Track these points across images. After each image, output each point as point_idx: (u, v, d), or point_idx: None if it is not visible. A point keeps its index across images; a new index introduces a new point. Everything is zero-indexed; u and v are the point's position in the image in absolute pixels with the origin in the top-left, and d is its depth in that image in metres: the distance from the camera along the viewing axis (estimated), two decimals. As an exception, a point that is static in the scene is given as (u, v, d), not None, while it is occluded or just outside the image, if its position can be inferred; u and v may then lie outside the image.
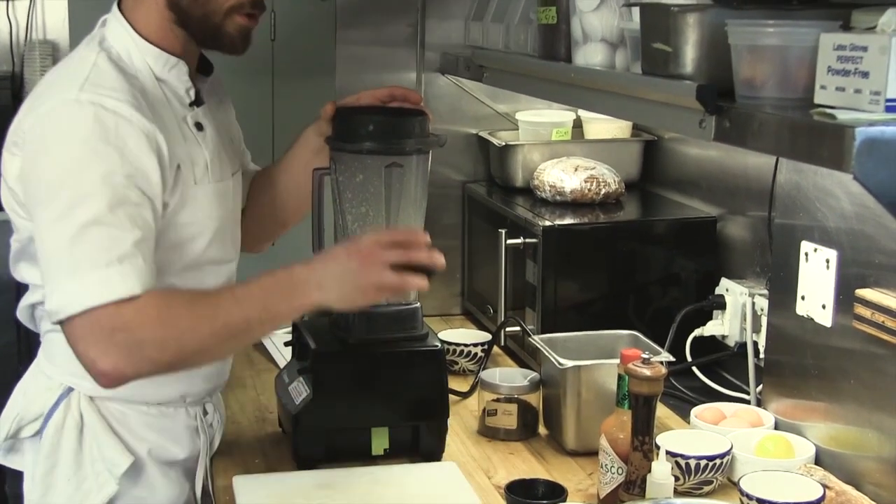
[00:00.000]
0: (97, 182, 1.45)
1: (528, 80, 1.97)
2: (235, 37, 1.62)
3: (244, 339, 1.52)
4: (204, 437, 1.73)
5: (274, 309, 1.48)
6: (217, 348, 1.51)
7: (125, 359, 1.42)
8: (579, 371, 1.86)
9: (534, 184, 2.41)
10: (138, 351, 1.43)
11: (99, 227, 1.44)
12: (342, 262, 1.50)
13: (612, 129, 2.59)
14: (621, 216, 2.32)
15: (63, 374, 1.64)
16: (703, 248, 2.23)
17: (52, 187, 1.46)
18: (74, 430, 1.62)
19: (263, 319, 1.48)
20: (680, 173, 2.44)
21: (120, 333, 1.43)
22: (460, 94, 2.61)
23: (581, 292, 2.19)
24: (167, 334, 1.44)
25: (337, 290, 1.49)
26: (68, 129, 1.48)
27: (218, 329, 1.46)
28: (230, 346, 1.56)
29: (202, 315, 1.47)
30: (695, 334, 2.14)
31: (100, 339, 1.42)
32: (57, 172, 1.47)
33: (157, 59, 1.62)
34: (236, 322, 1.47)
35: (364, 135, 1.70)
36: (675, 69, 1.41)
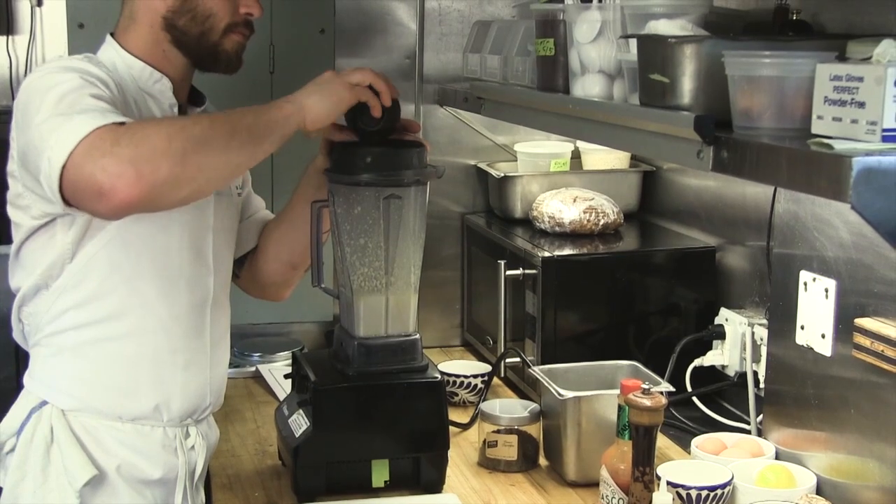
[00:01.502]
0: (77, 80, 1.51)
1: (526, 112, 1.98)
2: (232, 54, 1.67)
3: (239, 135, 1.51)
4: (182, 458, 1.71)
5: (262, 112, 1.54)
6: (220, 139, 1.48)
7: (137, 152, 1.39)
8: (579, 402, 1.85)
9: (533, 215, 2.41)
10: (147, 143, 1.40)
11: (80, 92, 1.48)
12: (317, 82, 1.62)
13: (610, 160, 2.59)
14: (620, 247, 2.32)
15: (39, 388, 1.65)
16: (703, 278, 2.23)
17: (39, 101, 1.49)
18: (43, 444, 1.62)
19: (256, 122, 1.52)
20: (678, 203, 2.44)
21: (123, 137, 1.41)
22: (458, 125, 2.62)
23: (581, 323, 2.19)
24: (171, 127, 1.45)
25: (315, 99, 1.58)
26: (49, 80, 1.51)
27: (215, 120, 1.49)
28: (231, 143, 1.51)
29: (197, 118, 1.56)
30: (695, 364, 2.14)
31: (105, 148, 1.40)
32: (41, 98, 1.49)
33: (142, 73, 1.66)
34: (230, 117, 1.51)
35: (362, 167, 1.71)
36: (672, 100, 1.41)
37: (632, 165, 2.61)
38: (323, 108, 1.59)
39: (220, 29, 1.65)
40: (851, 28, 1.56)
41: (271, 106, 1.56)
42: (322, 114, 1.59)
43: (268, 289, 1.93)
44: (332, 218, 1.77)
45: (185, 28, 1.64)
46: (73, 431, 1.63)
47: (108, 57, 1.66)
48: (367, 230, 1.75)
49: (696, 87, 1.39)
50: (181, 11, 1.64)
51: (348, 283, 1.79)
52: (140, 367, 1.67)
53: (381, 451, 1.77)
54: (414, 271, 1.80)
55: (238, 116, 1.51)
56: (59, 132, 1.42)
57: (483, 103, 2.22)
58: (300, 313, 2.70)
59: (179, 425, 1.72)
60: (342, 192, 1.75)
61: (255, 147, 1.51)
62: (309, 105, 1.58)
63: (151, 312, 1.66)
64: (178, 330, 1.69)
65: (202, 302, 1.73)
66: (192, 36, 1.65)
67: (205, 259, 1.72)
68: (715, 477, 1.70)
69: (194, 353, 1.72)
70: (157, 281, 1.66)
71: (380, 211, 1.74)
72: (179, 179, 1.42)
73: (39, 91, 1.50)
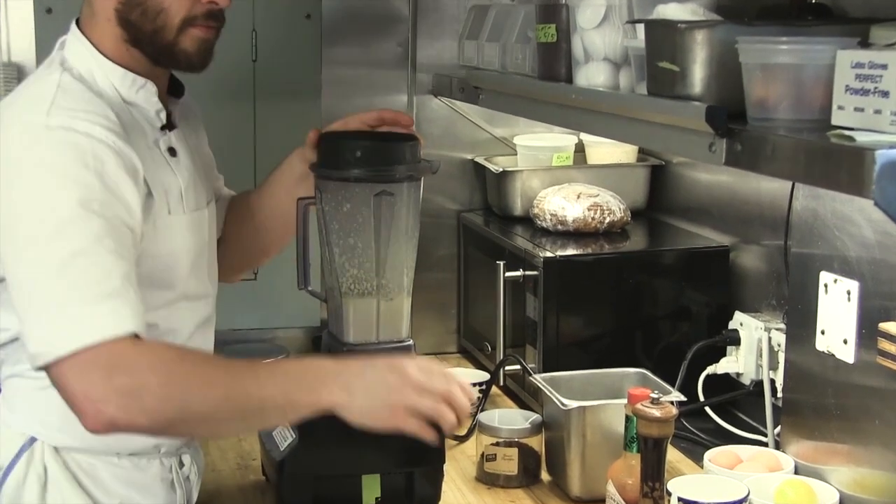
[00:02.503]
0: (76, 209, 1.42)
1: (526, 103, 1.98)
2: (192, 53, 1.58)
3: (254, 420, 1.47)
4: (181, 492, 1.70)
5: (293, 396, 1.44)
6: (224, 422, 1.45)
7: (121, 403, 1.37)
8: (584, 412, 1.85)
9: (533, 212, 2.41)
10: (137, 398, 1.38)
11: (84, 258, 1.41)
12: (379, 372, 1.48)
13: (616, 154, 2.60)
14: (627, 246, 2.32)
15: (25, 423, 1.60)
16: (716, 279, 2.23)
17: (26, 219, 1.43)
18: (37, 485, 1.58)
19: (280, 404, 1.44)
20: (689, 200, 2.45)
21: (119, 374, 1.38)
22: (454, 117, 2.62)
23: (585, 328, 2.19)
24: (172, 388, 1.40)
25: (363, 398, 1.46)
26: (38, 156, 1.45)
27: (230, 398, 1.42)
28: (237, 425, 1.49)
29: (215, 379, 1.44)
30: (707, 372, 2.14)
31: (96, 379, 1.37)
32: (30, 203, 1.44)
33: (123, 80, 1.59)
34: (251, 397, 1.43)
35: (351, 161, 1.71)
36: (682, 90, 1.41)
37: (639, 159, 2.61)
38: (362, 418, 1.46)
39: (175, 25, 1.56)
40: (875, 12, 1.56)
41: (310, 391, 1.44)
42: (356, 421, 1.48)
43: (226, 273, 1.87)
44: (320, 216, 1.77)
45: (137, 24, 1.56)
46: (69, 471, 1.59)
47: (85, 64, 1.58)
48: (357, 229, 1.75)
49: (707, 76, 1.39)
50: (131, 4, 1.56)
51: (337, 285, 1.78)
52: None
53: (372, 466, 1.77)
54: (407, 273, 1.80)
55: (261, 402, 1.42)
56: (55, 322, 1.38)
57: (480, 93, 2.22)
58: (285, 318, 2.70)
59: (175, 454, 1.70)
60: (330, 188, 1.75)
61: (266, 424, 1.48)
62: (352, 405, 1.45)
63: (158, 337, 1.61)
64: None
65: (203, 321, 1.71)
66: (146, 33, 1.56)
67: (203, 279, 1.70)
68: (729, 493, 1.70)
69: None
70: (160, 311, 1.60)
71: (370, 208, 1.74)
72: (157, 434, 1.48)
73: (26, 203, 1.42)
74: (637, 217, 2.48)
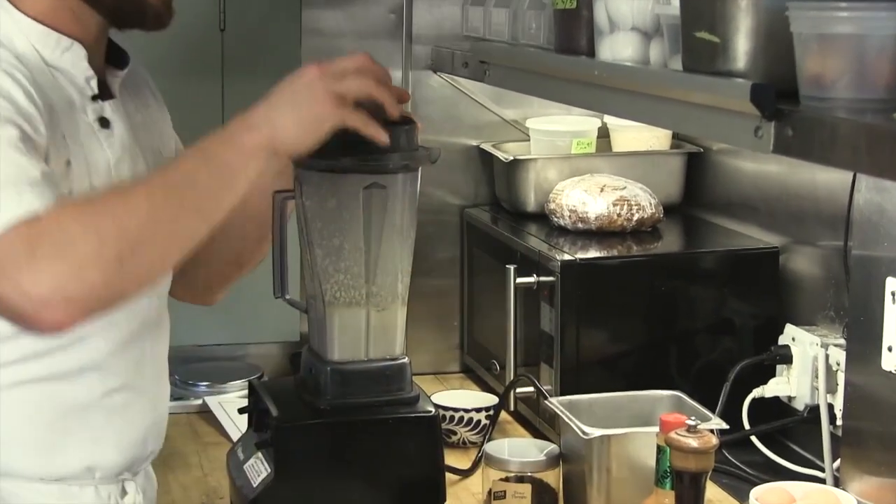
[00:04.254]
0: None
1: (541, 80, 1.98)
2: (160, 6, 1.62)
3: (191, 199, 1.48)
4: None
5: (217, 154, 1.49)
6: (165, 219, 1.45)
7: (60, 268, 1.36)
8: (608, 442, 1.86)
9: (549, 208, 2.42)
10: (72, 251, 1.37)
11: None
12: (284, 89, 1.54)
13: (646, 140, 2.60)
14: (659, 248, 2.33)
15: None
16: (763, 287, 2.24)
17: None
18: None
19: (209, 170, 1.48)
20: (732, 194, 2.45)
21: (42, 243, 1.37)
22: (457, 96, 2.62)
23: (610, 343, 2.19)
24: (99, 219, 1.41)
25: (285, 117, 1.51)
26: None
27: (155, 191, 1.45)
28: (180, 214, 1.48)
29: (132, 188, 1.49)
30: (753, 395, 2.14)
31: (21, 261, 1.37)
32: None
33: (46, 41, 1.60)
34: (174, 177, 1.47)
35: (336, 148, 1.71)
36: (724, 64, 1.42)
37: (673, 146, 2.62)
38: (299, 134, 1.52)
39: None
40: (948, -26, 1.57)
41: (227, 140, 1.50)
42: (298, 142, 1.53)
43: (199, 291, 1.90)
44: (300, 212, 1.78)
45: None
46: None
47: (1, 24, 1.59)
48: (344, 228, 1.75)
49: (753, 49, 1.39)
50: None
51: (319, 293, 1.79)
52: (68, 416, 1.64)
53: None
54: (401, 279, 1.80)
55: (183, 174, 1.47)
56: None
57: (487, 69, 2.23)
58: (258, 332, 2.70)
59: (115, 481, 1.70)
60: (312, 180, 1.75)
61: (213, 209, 1.48)
62: (281, 128, 1.51)
63: (83, 348, 1.63)
64: (116, 366, 1.67)
65: (144, 327, 1.71)
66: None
67: None
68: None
69: (134, 392, 1.70)
70: None
71: (359, 204, 1.74)
72: (120, 287, 1.42)
73: None
74: (671, 213, 2.49)
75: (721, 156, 2.50)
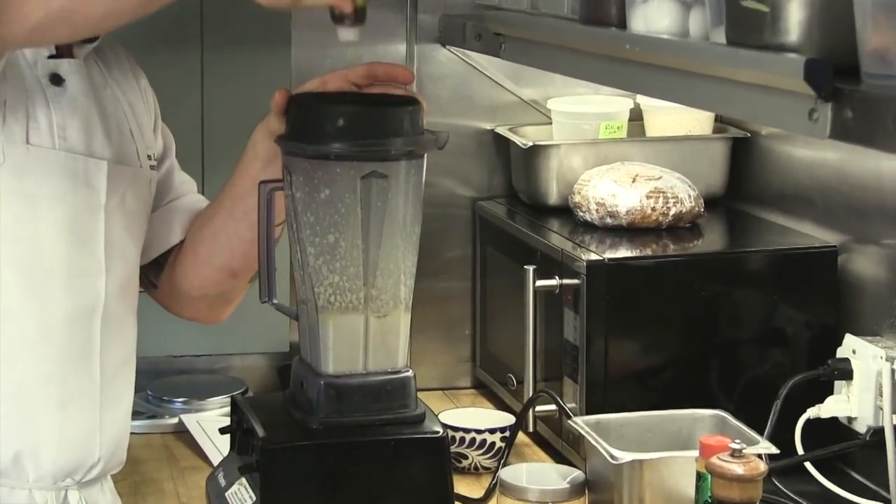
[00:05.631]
0: None
1: (564, 54, 1.98)
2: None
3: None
4: None
5: None
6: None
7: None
8: (641, 468, 1.86)
9: (574, 201, 2.42)
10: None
11: None
12: None
13: (685, 123, 2.60)
14: (699, 246, 2.33)
15: None
16: (819, 291, 2.24)
17: None
18: None
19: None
20: (783, 185, 2.45)
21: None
22: (468, 73, 2.63)
23: (643, 355, 2.19)
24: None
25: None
26: None
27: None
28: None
29: None
30: (808, 416, 2.14)
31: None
32: None
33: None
34: None
35: (331, 133, 1.71)
36: (773, 37, 1.42)
37: (716, 130, 2.62)
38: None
39: None
40: None
41: None
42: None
43: (197, 305, 1.93)
44: (289, 205, 1.78)
45: None
46: None
47: None
48: (339, 223, 1.76)
49: (808, 19, 1.39)
50: None
51: (312, 297, 1.79)
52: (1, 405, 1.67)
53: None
54: (405, 281, 1.80)
55: None
56: None
57: (503, 42, 2.23)
58: (242, 341, 2.71)
59: (53, 488, 1.72)
60: (303, 168, 1.76)
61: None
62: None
63: (12, 324, 1.67)
64: (51, 351, 1.71)
65: (87, 311, 1.74)
66: None
67: (91, 250, 1.74)
68: (835, 576, 1.71)
69: (75, 384, 1.73)
70: (19, 280, 1.66)
71: (356, 195, 1.74)
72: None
73: None
74: (713, 207, 2.49)
75: (770, 141, 2.50)
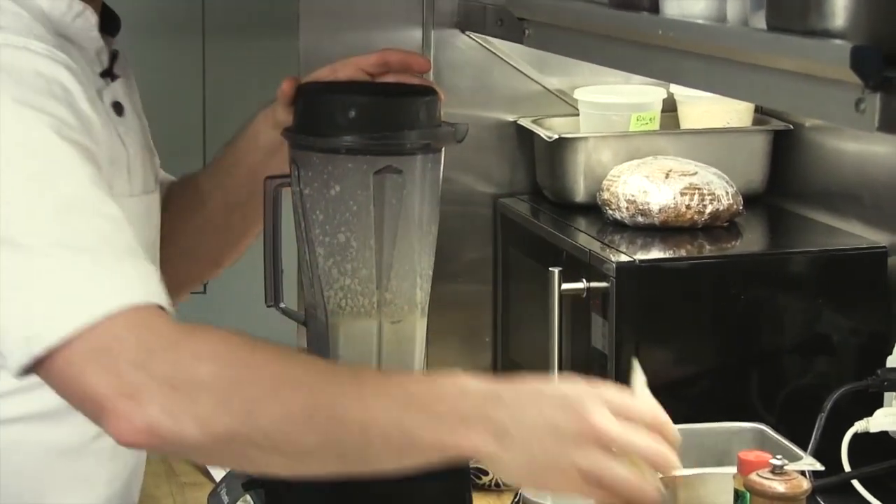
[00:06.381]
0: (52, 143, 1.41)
1: (592, 41, 1.98)
2: None
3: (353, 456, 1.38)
4: None
5: (414, 431, 1.36)
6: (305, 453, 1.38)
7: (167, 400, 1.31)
8: (675, 485, 1.86)
9: (603, 198, 2.42)
10: (188, 394, 1.33)
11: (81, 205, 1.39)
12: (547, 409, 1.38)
13: (722, 115, 2.60)
14: (738, 247, 2.32)
15: None
16: (867, 295, 2.23)
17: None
18: None
19: (392, 439, 1.36)
20: (828, 181, 2.44)
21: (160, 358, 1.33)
22: (490, 61, 2.63)
23: (677, 364, 2.19)
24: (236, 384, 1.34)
25: (521, 450, 1.36)
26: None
27: (319, 414, 1.35)
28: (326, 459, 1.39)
29: (299, 380, 1.39)
30: (855, 430, 2.14)
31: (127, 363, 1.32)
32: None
33: (55, 2, 1.59)
34: (350, 420, 1.35)
35: (342, 125, 1.72)
36: (818, 22, 1.41)
37: (755, 122, 2.62)
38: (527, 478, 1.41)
39: None
40: None
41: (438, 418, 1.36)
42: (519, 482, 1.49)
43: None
44: (297, 202, 1.78)
45: None
46: None
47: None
48: (351, 221, 1.76)
49: (854, 2, 1.39)
50: None
51: (321, 301, 1.80)
52: (55, 462, 1.65)
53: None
54: (420, 284, 1.81)
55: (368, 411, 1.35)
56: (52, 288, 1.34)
57: (527, 27, 2.23)
58: (246, 349, 2.71)
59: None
60: (312, 163, 1.76)
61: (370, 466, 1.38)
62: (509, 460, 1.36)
63: None
64: None
65: None
66: None
67: None
68: None
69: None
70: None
71: (369, 192, 1.75)
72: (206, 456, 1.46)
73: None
74: (752, 205, 2.48)
75: (815, 134, 2.50)
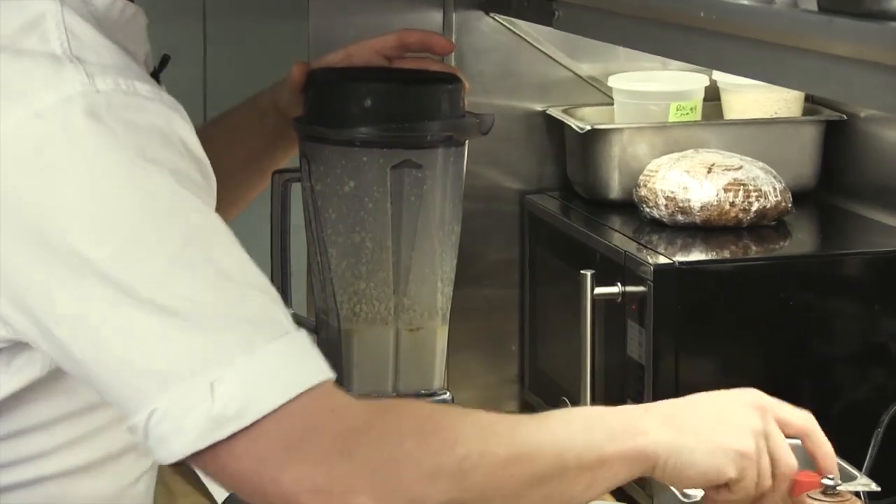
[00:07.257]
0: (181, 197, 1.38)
1: (628, 24, 1.98)
2: None
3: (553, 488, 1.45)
4: None
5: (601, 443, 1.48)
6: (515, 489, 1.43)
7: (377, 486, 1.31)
8: None
9: (640, 195, 2.42)
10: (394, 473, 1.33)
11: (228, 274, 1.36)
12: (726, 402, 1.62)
13: (769, 104, 2.60)
14: (787, 248, 2.32)
15: None
16: (926, 300, 2.23)
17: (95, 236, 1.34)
18: None
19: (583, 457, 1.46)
20: (884, 176, 2.44)
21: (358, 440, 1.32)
22: (516, 46, 2.63)
23: (719, 374, 2.19)
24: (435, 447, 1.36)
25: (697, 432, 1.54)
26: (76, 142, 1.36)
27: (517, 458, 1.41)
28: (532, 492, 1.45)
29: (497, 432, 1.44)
30: (913, 446, 2.14)
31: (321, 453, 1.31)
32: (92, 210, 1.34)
33: (110, 6, 1.55)
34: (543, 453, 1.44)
35: (357, 115, 1.72)
36: (874, 3, 1.42)
37: (806, 112, 2.61)
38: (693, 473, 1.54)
39: None
40: None
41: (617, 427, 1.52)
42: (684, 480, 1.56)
43: None
44: (307, 199, 1.79)
45: None
46: None
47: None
48: (366, 219, 1.76)
49: (914, -17, 1.40)
50: None
51: (334, 307, 1.80)
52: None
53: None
54: (441, 289, 1.81)
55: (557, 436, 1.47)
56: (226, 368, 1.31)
57: (557, 9, 2.23)
58: (252, 358, 2.72)
59: None
60: (324, 156, 1.77)
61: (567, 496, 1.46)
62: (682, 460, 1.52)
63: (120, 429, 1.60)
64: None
65: None
66: None
67: None
68: None
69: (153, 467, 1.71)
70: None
71: (386, 189, 1.75)
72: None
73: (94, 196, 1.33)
74: (802, 202, 2.48)
75: (870, 125, 2.50)
